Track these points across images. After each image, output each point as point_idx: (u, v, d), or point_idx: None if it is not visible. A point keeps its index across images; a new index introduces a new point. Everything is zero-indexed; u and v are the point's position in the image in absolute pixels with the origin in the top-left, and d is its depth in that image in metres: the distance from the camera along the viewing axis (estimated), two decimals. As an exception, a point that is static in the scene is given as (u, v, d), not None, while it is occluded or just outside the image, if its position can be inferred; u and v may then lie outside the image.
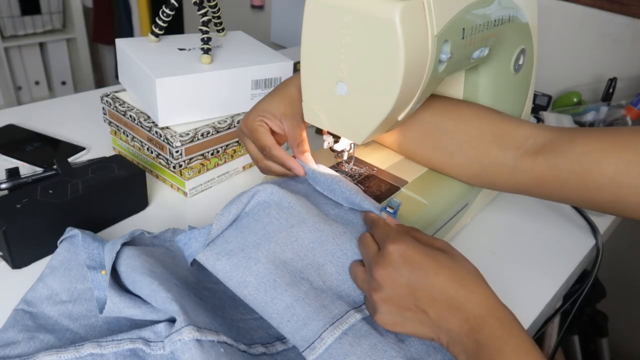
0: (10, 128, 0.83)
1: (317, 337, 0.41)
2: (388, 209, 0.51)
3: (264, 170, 0.58)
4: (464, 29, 0.47)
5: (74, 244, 0.52)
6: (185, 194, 0.70)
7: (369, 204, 0.49)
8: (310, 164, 0.53)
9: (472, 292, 0.39)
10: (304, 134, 0.54)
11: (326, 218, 0.49)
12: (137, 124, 0.69)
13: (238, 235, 0.47)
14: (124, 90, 0.76)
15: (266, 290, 0.43)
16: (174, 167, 0.66)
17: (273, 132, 0.57)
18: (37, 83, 2.41)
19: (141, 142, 0.71)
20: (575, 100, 1.00)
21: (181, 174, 0.68)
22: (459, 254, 0.42)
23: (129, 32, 2.41)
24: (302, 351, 0.41)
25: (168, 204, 0.68)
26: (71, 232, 0.52)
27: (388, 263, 0.40)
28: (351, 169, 0.60)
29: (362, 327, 0.42)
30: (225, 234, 0.47)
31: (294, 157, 0.54)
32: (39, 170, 0.66)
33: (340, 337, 0.41)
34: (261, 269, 0.44)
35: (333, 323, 0.42)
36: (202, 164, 0.69)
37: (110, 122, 0.75)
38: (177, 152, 0.65)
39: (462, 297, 0.38)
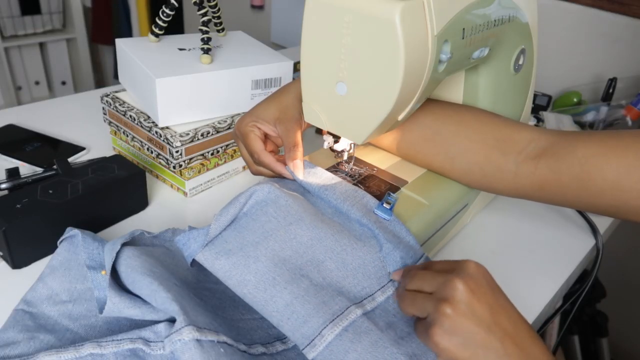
0: (10, 128, 0.83)
1: (317, 334, 0.41)
2: (385, 204, 0.51)
3: (256, 174, 0.59)
4: (464, 29, 0.47)
5: (74, 244, 0.52)
6: (185, 194, 0.70)
7: (356, 211, 0.49)
8: (298, 171, 0.53)
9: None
10: (298, 139, 0.54)
11: (323, 216, 0.49)
12: (137, 124, 0.69)
13: (237, 235, 0.47)
14: (124, 90, 0.76)
15: (266, 288, 0.43)
16: (174, 167, 0.66)
17: (267, 136, 0.57)
18: (37, 83, 2.41)
19: (141, 142, 0.71)
20: (575, 100, 1.00)
21: (181, 174, 0.68)
22: None
23: (127, 33, 2.41)
24: (303, 349, 0.41)
25: (168, 204, 0.68)
26: (71, 232, 0.51)
27: (472, 278, 0.39)
28: (351, 169, 0.60)
29: (363, 323, 0.42)
30: (224, 234, 0.47)
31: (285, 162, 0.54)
32: (39, 170, 0.66)
33: (341, 333, 0.41)
34: (260, 267, 0.44)
35: (333, 320, 0.42)
36: (202, 164, 0.69)
37: (110, 122, 0.75)
38: (177, 152, 0.65)
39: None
